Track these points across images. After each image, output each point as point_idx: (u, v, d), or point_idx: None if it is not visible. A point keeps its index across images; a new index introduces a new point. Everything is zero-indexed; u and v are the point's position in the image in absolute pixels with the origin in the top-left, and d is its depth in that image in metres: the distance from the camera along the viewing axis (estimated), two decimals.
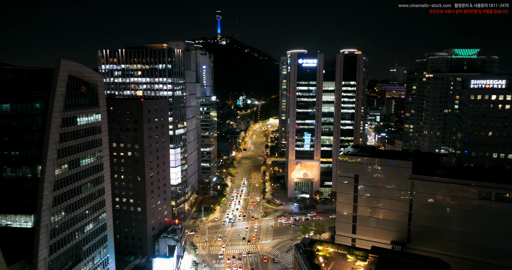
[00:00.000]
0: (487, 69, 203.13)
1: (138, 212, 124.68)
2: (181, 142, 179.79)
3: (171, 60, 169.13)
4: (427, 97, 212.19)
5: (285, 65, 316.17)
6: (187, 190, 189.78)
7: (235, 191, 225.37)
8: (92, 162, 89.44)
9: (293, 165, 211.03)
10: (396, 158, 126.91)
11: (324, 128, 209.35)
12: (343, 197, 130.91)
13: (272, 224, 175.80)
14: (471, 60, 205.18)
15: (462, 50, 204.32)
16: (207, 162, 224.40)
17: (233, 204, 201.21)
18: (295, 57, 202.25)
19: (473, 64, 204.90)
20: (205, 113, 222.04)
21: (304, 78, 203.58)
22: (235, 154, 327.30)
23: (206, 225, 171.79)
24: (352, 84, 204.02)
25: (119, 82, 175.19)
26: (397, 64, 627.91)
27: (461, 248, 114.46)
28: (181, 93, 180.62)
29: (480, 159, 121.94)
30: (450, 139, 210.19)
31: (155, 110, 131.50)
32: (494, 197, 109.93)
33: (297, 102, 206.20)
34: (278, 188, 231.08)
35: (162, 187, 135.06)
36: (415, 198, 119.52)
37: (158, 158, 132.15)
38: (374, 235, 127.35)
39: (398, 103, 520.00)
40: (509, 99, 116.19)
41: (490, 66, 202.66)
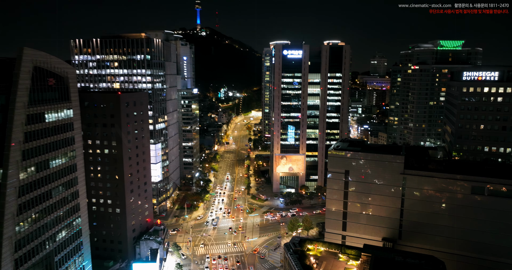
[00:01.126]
0: (471, 61, 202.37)
1: (117, 214, 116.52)
2: (162, 137, 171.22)
3: (150, 51, 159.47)
4: (413, 89, 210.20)
5: (268, 56, 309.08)
6: (168, 187, 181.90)
7: (219, 186, 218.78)
8: (64, 163, 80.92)
9: (278, 159, 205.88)
10: (387, 152, 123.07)
11: (309, 121, 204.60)
12: (333, 194, 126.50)
13: (258, 220, 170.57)
14: (456, 52, 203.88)
15: (447, 41, 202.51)
16: (189, 157, 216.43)
17: (217, 201, 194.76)
18: (279, 48, 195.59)
19: (458, 55, 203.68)
20: (186, 106, 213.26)
21: (289, 70, 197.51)
22: (218, 148, 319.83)
23: (190, 224, 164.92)
24: (338, 76, 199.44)
25: (94, 74, 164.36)
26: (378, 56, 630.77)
27: (454, 244, 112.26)
28: (161, 85, 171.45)
29: (472, 152, 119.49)
30: (435, 131, 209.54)
31: (134, 104, 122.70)
32: (486, 192, 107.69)
33: (282, 94, 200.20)
34: (263, 183, 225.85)
35: (142, 186, 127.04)
36: (407, 194, 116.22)
37: (138, 155, 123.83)
38: (365, 232, 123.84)
39: (379, 95, 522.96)
40: (501, 92, 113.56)
41: (475, 58, 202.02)
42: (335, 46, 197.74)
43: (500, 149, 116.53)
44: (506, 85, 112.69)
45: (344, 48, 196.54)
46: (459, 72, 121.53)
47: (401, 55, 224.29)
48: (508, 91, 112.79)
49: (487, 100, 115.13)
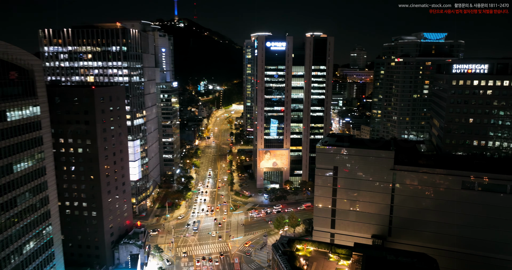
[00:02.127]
0: (454, 53, 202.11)
1: (93, 217, 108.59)
2: (140, 133, 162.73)
3: (127, 42, 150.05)
4: (397, 82, 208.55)
5: (249, 48, 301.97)
6: (148, 185, 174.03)
7: (201, 183, 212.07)
8: (31, 167, 72.79)
9: (262, 155, 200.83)
10: (376, 147, 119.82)
11: (293, 115, 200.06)
12: (322, 191, 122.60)
13: (242, 218, 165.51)
14: (439, 44, 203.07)
15: (430, 34, 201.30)
16: (169, 153, 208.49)
17: (199, 198, 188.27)
18: (262, 40, 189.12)
19: (441, 48, 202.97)
20: (166, 100, 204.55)
21: (273, 62, 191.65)
22: (199, 143, 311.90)
23: (171, 223, 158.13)
24: (322, 69, 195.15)
25: (66, 67, 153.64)
26: (358, 49, 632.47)
27: (444, 239, 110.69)
28: (139, 78, 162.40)
29: (461, 146, 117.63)
30: (418, 124, 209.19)
31: (110, 99, 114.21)
32: (477, 187, 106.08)
33: (265, 88, 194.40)
34: (246, 179, 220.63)
35: (120, 186, 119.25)
36: (397, 190, 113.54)
37: (115, 153, 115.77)
38: (354, 230, 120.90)
39: (359, 88, 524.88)
40: (491, 85, 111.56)
41: (457, 50, 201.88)
42: (319, 38, 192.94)
43: (489, 143, 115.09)
44: (495, 78, 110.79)
45: (328, 40, 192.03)
46: (448, 65, 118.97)
47: (384, 48, 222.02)
48: (497, 84, 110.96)
49: (476, 93, 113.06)
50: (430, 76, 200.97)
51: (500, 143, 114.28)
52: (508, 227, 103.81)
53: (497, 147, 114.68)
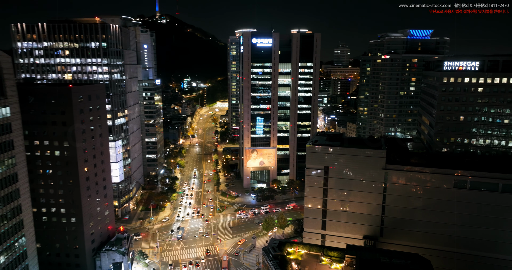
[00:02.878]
0: (440, 50, 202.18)
1: (72, 224, 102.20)
2: (122, 133, 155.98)
3: (106, 37, 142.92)
4: (383, 79, 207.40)
5: (234, 45, 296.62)
6: (131, 187, 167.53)
7: (186, 183, 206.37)
8: (0, 174, 66.30)
9: (249, 154, 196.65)
10: (367, 146, 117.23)
11: (280, 113, 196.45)
12: (312, 191, 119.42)
13: (230, 219, 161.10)
14: (425, 41, 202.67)
15: (416, 30, 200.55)
16: (153, 153, 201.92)
17: (184, 199, 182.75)
18: (248, 37, 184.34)
19: (427, 45, 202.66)
20: (148, 98, 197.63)
21: (259, 59, 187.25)
22: (183, 141, 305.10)
23: (156, 226, 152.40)
24: (309, 66, 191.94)
25: (42, 64, 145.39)
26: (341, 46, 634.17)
27: (437, 239, 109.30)
28: (120, 76, 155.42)
29: (452, 145, 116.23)
30: (405, 121, 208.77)
31: (89, 98, 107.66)
32: (469, 186, 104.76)
33: (251, 85, 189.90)
34: (233, 178, 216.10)
35: (101, 190, 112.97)
36: (388, 189, 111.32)
37: (95, 155, 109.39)
38: (345, 230, 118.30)
39: (343, 85, 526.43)
40: (482, 82, 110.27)
41: (443, 47, 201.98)
42: (306, 35, 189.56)
43: (479, 140, 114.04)
44: (486, 75, 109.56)
45: (314, 37, 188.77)
46: (439, 62, 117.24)
47: (370, 44, 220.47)
48: (488, 81, 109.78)
49: (467, 90, 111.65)
50: (417, 73, 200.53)
51: (490, 141, 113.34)
52: (500, 225, 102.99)
53: (487, 145, 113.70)
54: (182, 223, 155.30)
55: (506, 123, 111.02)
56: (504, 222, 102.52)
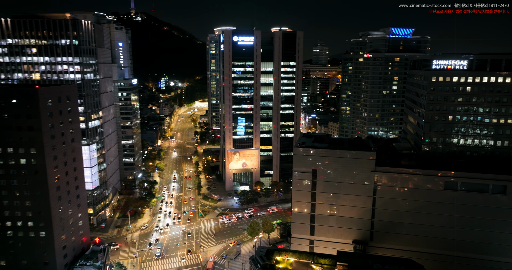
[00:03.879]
0: (421, 49, 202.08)
1: (42, 238, 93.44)
2: (96, 137, 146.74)
3: (78, 34, 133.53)
4: (366, 78, 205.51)
5: (213, 43, 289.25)
6: (107, 193, 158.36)
7: (166, 188, 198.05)
8: None
9: (231, 155, 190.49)
10: (355, 148, 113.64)
11: (263, 113, 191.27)
12: (300, 195, 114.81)
13: (213, 225, 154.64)
14: (407, 40, 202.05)
15: (398, 29, 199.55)
16: (130, 156, 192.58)
17: (164, 205, 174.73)
18: (229, 34, 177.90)
19: (408, 44, 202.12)
20: (124, 99, 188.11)
21: (240, 58, 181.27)
22: (161, 143, 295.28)
23: (134, 235, 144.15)
24: (292, 65, 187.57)
25: (6, 62, 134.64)
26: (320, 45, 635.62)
27: (427, 242, 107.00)
28: (94, 75, 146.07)
29: (441, 145, 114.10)
30: (388, 121, 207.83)
31: (59, 100, 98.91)
32: (459, 187, 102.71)
33: (233, 85, 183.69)
34: (214, 181, 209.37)
35: (74, 200, 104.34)
36: (378, 192, 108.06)
37: (67, 162, 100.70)
38: (335, 235, 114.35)
39: (323, 84, 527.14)
40: (470, 81, 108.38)
41: (425, 46, 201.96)
42: (288, 33, 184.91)
43: (468, 141, 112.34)
44: (475, 75, 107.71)
45: (297, 35, 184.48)
46: (427, 61, 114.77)
47: (351, 43, 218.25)
48: (477, 80, 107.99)
49: (456, 90, 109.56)
50: (399, 72, 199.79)
51: (479, 141, 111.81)
52: (491, 227, 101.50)
53: (476, 145, 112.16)
54: (161, 234, 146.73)
55: (495, 123, 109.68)
56: (496, 223, 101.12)
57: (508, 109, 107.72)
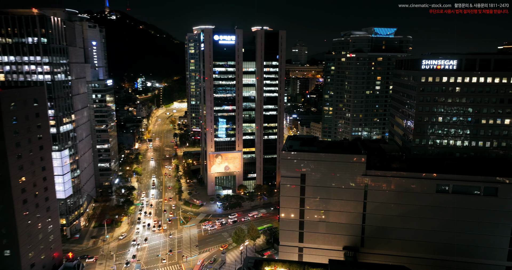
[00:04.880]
0: (403, 49, 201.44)
1: (6, 257, 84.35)
2: (69, 142, 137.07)
3: (47, 32, 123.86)
4: (349, 78, 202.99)
5: (192, 43, 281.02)
6: (82, 201, 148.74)
7: (144, 193, 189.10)
8: None
9: (213, 159, 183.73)
10: (345, 151, 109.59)
11: (245, 115, 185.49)
12: (288, 201, 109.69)
13: (195, 232, 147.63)
14: (389, 39, 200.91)
15: (381, 29, 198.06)
16: (106, 161, 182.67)
17: (143, 212, 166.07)
18: (209, 33, 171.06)
19: (391, 43, 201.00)
20: (99, 101, 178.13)
21: (221, 57, 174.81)
22: (139, 146, 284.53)
23: (112, 245, 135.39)
24: (274, 65, 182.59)
25: None
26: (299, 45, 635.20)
27: (419, 247, 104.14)
28: (65, 76, 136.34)
29: (431, 147, 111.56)
30: (372, 121, 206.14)
31: (24, 103, 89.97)
32: (451, 190, 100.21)
33: (214, 85, 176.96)
34: (196, 185, 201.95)
35: (44, 213, 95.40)
36: (369, 197, 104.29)
37: (35, 172, 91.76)
38: (324, 242, 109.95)
39: (302, 83, 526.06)
40: (459, 82, 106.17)
41: (407, 46, 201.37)
42: (271, 32, 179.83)
43: (457, 142, 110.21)
44: (464, 75, 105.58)
45: (280, 34, 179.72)
46: (416, 60, 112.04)
47: (334, 43, 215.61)
48: (466, 80, 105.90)
49: (446, 90, 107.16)
50: (382, 72, 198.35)
51: (468, 142, 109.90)
52: (484, 230, 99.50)
53: (466, 146, 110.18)
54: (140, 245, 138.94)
55: (484, 124, 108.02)
56: (487, 226, 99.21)
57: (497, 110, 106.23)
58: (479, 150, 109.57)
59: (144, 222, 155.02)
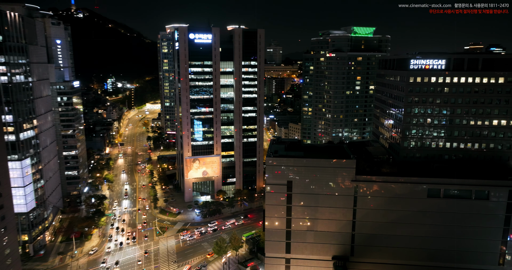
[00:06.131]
0: (382, 48, 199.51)
1: None
2: (30, 150, 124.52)
3: (2, 29, 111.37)
4: (329, 78, 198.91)
5: (165, 42, 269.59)
6: (47, 214, 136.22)
7: (117, 202, 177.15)
8: None
9: (190, 163, 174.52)
10: (332, 155, 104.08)
11: (223, 117, 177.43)
12: (274, 210, 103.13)
13: (173, 243, 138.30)
14: (368, 39, 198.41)
15: (360, 28, 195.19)
16: (74, 169, 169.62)
17: (116, 223, 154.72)
18: (184, 31, 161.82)
19: (370, 43, 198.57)
20: (65, 104, 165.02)
21: (198, 57, 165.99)
22: (110, 151, 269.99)
23: (81, 262, 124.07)
24: (253, 65, 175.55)
25: None
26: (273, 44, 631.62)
27: (411, 254, 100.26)
28: (25, 78, 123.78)
29: (420, 149, 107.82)
30: (352, 122, 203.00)
31: None
32: (443, 194, 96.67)
33: (190, 86, 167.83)
34: (172, 191, 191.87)
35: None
36: (359, 203, 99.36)
37: None
38: (313, 252, 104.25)
39: (278, 83, 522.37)
40: (448, 82, 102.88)
41: (386, 45, 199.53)
42: (249, 31, 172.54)
43: (446, 144, 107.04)
44: (452, 75, 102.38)
45: (258, 33, 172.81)
46: (404, 60, 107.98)
47: (312, 42, 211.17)
48: (454, 81, 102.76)
49: (435, 90, 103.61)
50: (362, 71, 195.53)
51: (457, 144, 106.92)
52: (476, 235, 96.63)
53: (454, 148, 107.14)
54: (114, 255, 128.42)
55: (472, 125, 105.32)
56: (480, 230, 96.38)
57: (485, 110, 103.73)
58: (467, 151, 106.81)
59: (117, 239, 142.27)
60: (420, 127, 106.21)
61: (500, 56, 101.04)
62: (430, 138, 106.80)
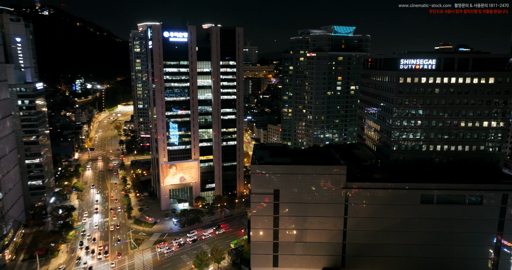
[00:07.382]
0: (363, 48, 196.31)
1: None
2: None
3: None
4: (310, 78, 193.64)
5: (137, 40, 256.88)
6: (6, 230, 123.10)
7: (87, 213, 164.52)
8: None
9: (166, 169, 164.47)
10: (320, 160, 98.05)
11: (201, 119, 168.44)
12: (259, 221, 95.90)
13: (149, 257, 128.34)
14: (349, 38, 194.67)
15: (340, 27, 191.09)
16: (38, 178, 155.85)
17: (86, 237, 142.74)
18: (158, 30, 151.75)
19: (350, 42, 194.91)
20: (27, 108, 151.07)
21: (173, 57, 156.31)
22: (79, 156, 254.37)
23: None
24: (232, 65, 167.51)
25: None
26: (249, 44, 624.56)
27: (404, 262, 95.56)
28: None
29: (409, 153, 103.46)
30: (333, 123, 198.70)
31: None
32: (436, 200, 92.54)
33: (165, 87, 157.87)
34: (147, 199, 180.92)
35: None
36: (350, 211, 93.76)
37: None
38: (302, 265, 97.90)
39: (255, 84, 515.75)
40: (439, 82, 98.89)
41: (366, 45, 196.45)
42: (227, 29, 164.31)
43: (437, 147, 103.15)
44: (443, 75, 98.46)
45: (236, 31, 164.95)
46: (393, 60, 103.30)
47: (291, 42, 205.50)
48: (445, 81, 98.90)
49: (425, 92, 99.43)
50: (342, 71, 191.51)
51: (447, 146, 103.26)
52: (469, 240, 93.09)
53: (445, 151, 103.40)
54: None
55: (463, 127, 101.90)
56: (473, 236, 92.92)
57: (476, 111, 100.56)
58: (458, 154, 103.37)
59: (88, 247, 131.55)
60: (410, 129, 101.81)
61: (490, 56, 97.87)
62: (420, 141, 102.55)
